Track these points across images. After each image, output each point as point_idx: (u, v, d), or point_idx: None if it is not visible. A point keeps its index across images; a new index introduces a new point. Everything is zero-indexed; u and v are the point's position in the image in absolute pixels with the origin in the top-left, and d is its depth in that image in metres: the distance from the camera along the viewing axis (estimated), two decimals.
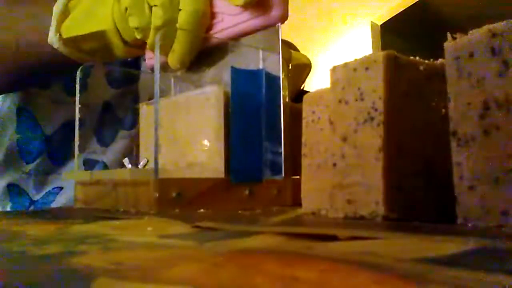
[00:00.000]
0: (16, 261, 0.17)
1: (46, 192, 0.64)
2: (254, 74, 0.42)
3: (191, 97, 0.48)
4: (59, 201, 0.64)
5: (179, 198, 0.37)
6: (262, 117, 0.42)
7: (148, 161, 0.43)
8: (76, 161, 0.49)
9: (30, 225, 0.29)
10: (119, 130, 0.68)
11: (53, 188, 0.64)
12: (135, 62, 0.65)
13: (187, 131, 0.47)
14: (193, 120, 0.46)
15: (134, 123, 0.67)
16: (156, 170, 0.36)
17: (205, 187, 0.38)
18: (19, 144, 0.64)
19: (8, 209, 0.64)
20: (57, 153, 0.64)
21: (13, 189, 0.64)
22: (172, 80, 0.53)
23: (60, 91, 0.64)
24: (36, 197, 0.64)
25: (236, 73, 0.41)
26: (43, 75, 0.59)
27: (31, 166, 0.64)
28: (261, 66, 0.44)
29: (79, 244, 0.20)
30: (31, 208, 0.64)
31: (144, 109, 0.54)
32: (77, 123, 0.49)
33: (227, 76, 0.42)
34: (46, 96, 0.64)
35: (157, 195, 0.35)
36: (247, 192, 0.40)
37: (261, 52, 0.44)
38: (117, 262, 0.15)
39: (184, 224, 0.27)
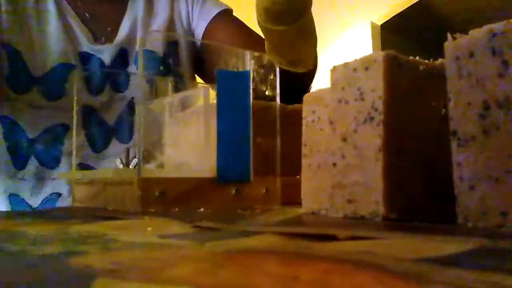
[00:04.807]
0: (16, 261, 0.17)
1: (44, 199, 0.64)
2: (240, 76, 0.42)
3: (183, 98, 0.48)
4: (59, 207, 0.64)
5: (163, 197, 0.36)
6: (249, 117, 0.41)
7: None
8: (74, 162, 0.49)
9: (30, 225, 0.29)
10: (112, 138, 0.67)
11: (51, 194, 0.64)
12: (120, 68, 0.65)
13: (180, 132, 0.47)
14: (185, 120, 0.46)
15: (130, 135, 0.66)
16: (139, 169, 0.36)
17: (189, 186, 0.38)
18: (9, 151, 0.64)
19: None
20: (44, 156, 0.64)
21: (13, 199, 0.64)
22: (170, 83, 0.53)
23: (39, 96, 0.63)
24: (35, 204, 0.64)
25: (222, 75, 0.41)
26: None
27: (24, 171, 0.64)
28: (248, 68, 0.44)
29: (79, 244, 0.20)
30: None
31: (141, 109, 0.54)
32: (74, 124, 0.49)
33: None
34: (25, 101, 0.63)
35: (140, 193, 0.35)
36: (233, 191, 0.40)
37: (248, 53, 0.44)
38: (117, 262, 0.15)
39: (184, 224, 0.27)
